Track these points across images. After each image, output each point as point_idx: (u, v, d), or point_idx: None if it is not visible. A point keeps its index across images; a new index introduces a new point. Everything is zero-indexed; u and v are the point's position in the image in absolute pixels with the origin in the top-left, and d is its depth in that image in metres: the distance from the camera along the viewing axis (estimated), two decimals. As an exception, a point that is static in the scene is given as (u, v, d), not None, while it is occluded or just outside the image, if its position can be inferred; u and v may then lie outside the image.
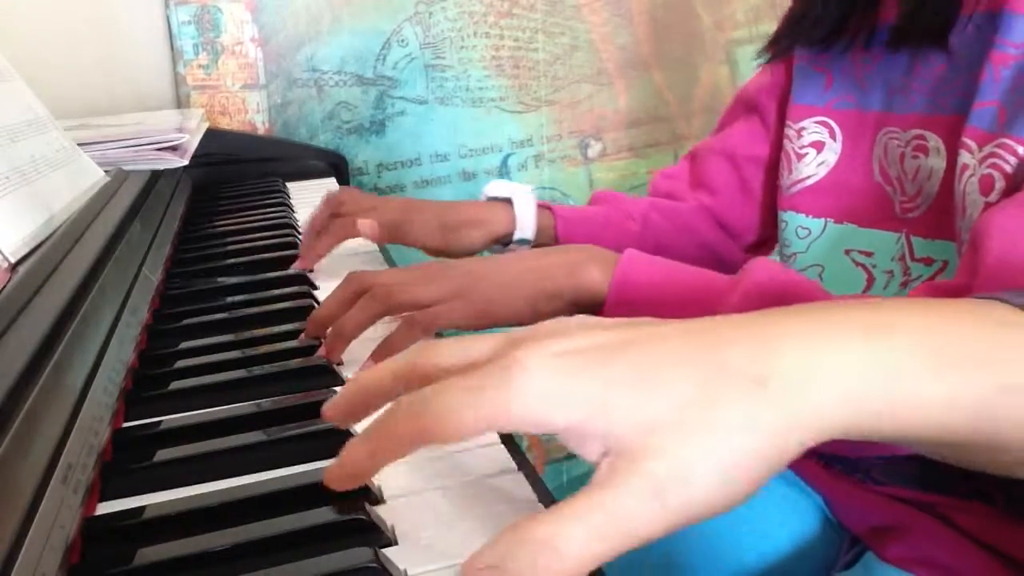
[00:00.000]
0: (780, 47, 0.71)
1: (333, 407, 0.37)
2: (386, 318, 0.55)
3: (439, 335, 0.60)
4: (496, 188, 0.79)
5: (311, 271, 0.75)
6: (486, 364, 0.30)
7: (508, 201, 0.77)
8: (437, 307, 0.54)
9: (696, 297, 0.52)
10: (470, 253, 0.75)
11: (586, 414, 0.28)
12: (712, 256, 0.81)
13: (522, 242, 0.77)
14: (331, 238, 0.74)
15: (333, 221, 0.75)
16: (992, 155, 0.52)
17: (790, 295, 0.49)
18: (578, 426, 0.28)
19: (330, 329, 0.55)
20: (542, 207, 0.78)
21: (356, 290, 0.55)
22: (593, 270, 0.54)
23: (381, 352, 0.53)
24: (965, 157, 0.54)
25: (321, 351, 0.55)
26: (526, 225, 0.76)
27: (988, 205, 0.52)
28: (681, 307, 0.52)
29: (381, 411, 0.33)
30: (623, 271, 0.54)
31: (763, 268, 0.50)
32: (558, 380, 0.29)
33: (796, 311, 0.30)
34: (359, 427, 0.48)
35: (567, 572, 0.26)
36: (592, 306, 0.54)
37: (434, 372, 0.33)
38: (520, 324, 0.55)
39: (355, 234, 0.74)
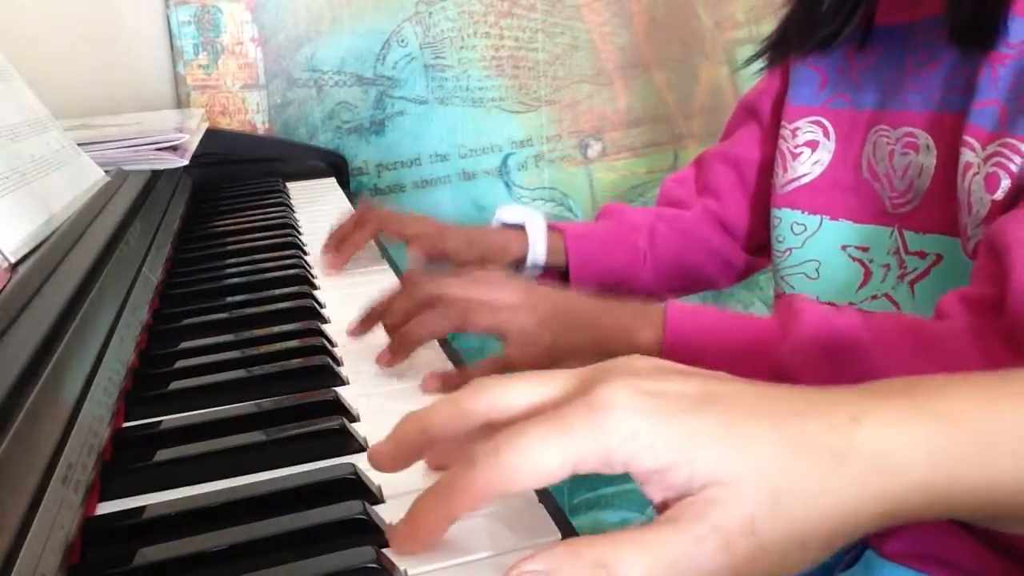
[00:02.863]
0: (778, 53, 0.72)
1: (382, 453, 0.36)
2: None
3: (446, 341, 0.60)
4: (508, 214, 0.82)
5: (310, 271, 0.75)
6: (565, 403, 0.30)
7: (520, 227, 0.81)
8: (515, 351, 0.55)
9: (747, 351, 0.52)
10: None
11: (672, 461, 0.29)
12: (718, 260, 0.83)
13: (534, 265, 0.81)
14: (366, 231, 0.77)
15: (366, 215, 0.78)
16: (996, 154, 0.53)
17: (841, 339, 0.49)
18: (662, 471, 0.29)
19: (396, 336, 0.55)
20: (552, 229, 0.81)
21: (428, 297, 0.55)
22: (645, 332, 0.55)
23: (455, 376, 0.54)
24: (968, 155, 0.55)
25: (382, 358, 0.55)
26: (538, 252, 0.80)
27: (995, 203, 0.53)
28: (733, 362, 0.52)
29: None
30: (672, 333, 0.54)
31: (809, 316, 0.51)
32: (647, 421, 0.29)
33: (875, 392, 0.31)
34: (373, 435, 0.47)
35: None
36: None
37: (505, 413, 0.32)
38: None
39: (388, 229, 0.77)
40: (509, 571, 0.28)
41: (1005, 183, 0.53)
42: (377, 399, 0.51)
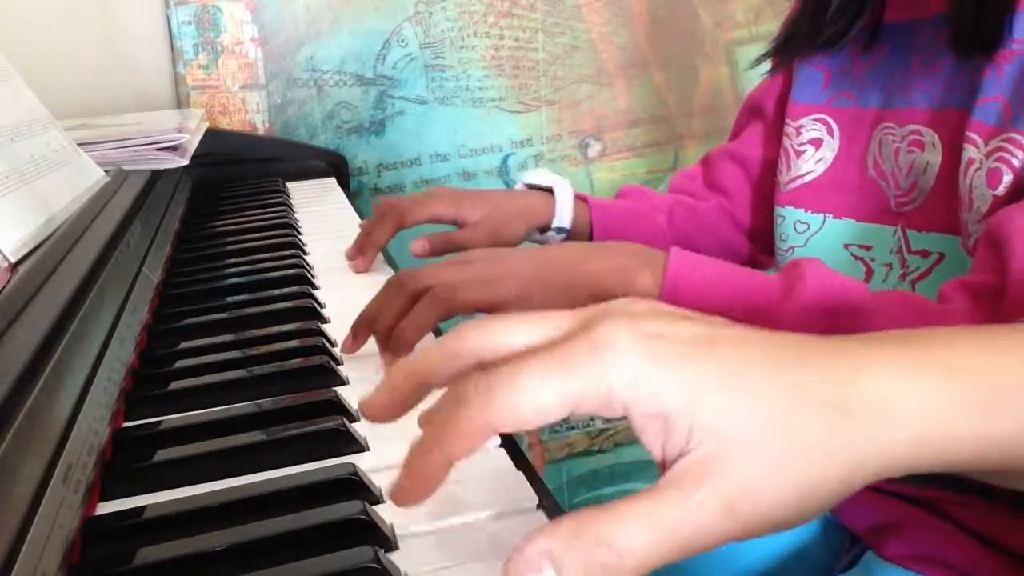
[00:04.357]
0: (784, 54, 0.71)
1: (375, 402, 0.34)
2: None
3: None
4: (535, 177, 0.81)
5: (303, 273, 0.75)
6: (566, 340, 0.29)
7: (547, 190, 0.80)
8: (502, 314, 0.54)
9: (748, 304, 0.51)
10: (514, 243, 0.79)
11: (674, 407, 0.27)
12: (730, 253, 0.83)
13: (559, 230, 0.80)
14: (388, 227, 0.76)
15: (384, 210, 0.77)
16: (999, 149, 0.53)
17: (844, 305, 0.49)
18: (663, 417, 0.28)
19: (391, 339, 0.54)
20: (578, 198, 0.80)
21: (412, 292, 0.54)
22: (644, 276, 0.53)
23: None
24: (971, 152, 0.55)
25: (383, 360, 0.54)
26: (564, 215, 0.79)
27: (996, 198, 0.53)
28: (733, 315, 0.51)
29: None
30: (672, 278, 0.53)
31: (813, 277, 0.50)
32: (650, 364, 0.28)
33: (877, 340, 0.30)
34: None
35: (624, 571, 0.26)
36: None
37: (498, 353, 0.30)
38: None
39: (406, 223, 0.76)
40: (511, 553, 0.27)
41: (1007, 178, 0.52)
42: (377, 399, 0.51)
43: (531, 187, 0.82)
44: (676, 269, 0.53)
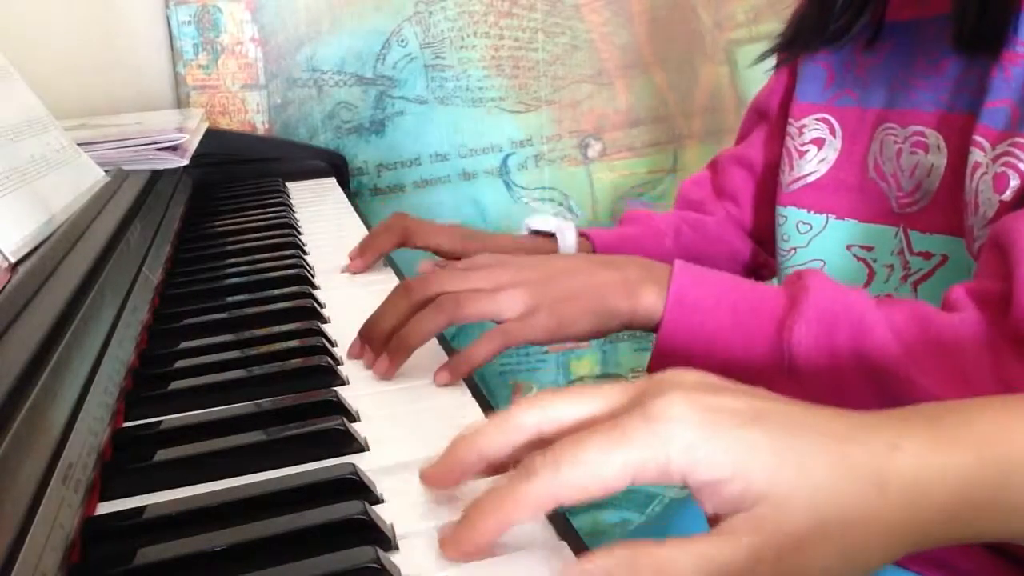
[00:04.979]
0: (789, 52, 0.71)
1: (435, 476, 0.36)
2: None
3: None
4: (539, 223, 0.80)
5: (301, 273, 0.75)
6: (620, 415, 0.31)
7: (551, 235, 0.79)
8: (512, 324, 0.53)
9: (752, 317, 0.51)
10: None
11: (729, 474, 0.29)
12: (740, 264, 0.83)
13: None
14: (392, 236, 0.76)
15: (395, 222, 0.77)
16: (1006, 153, 0.53)
17: (847, 317, 0.49)
18: (719, 483, 0.30)
19: (392, 341, 0.53)
20: (581, 235, 0.79)
21: (417, 300, 0.53)
22: (648, 292, 0.53)
23: (458, 360, 0.53)
24: (977, 155, 0.54)
25: (380, 365, 0.53)
26: None
27: (1003, 203, 0.53)
28: (737, 323, 0.51)
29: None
30: (676, 293, 0.53)
31: (817, 287, 0.50)
32: (704, 434, 0.30)
33: (910, 417, 0.32)
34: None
35: None
36: (646, 327, 0.54)
37: (556, 426, 0.33)
38: (581, 340, 0.55)
39: (413, 242, 0.76)
40: (565, 568, 0.29)
41: (1014, 183, 0.52)
42: (377, 399, 0.51)
43: (535, 233, 0.81)
44: (678, 289, 0.53)
